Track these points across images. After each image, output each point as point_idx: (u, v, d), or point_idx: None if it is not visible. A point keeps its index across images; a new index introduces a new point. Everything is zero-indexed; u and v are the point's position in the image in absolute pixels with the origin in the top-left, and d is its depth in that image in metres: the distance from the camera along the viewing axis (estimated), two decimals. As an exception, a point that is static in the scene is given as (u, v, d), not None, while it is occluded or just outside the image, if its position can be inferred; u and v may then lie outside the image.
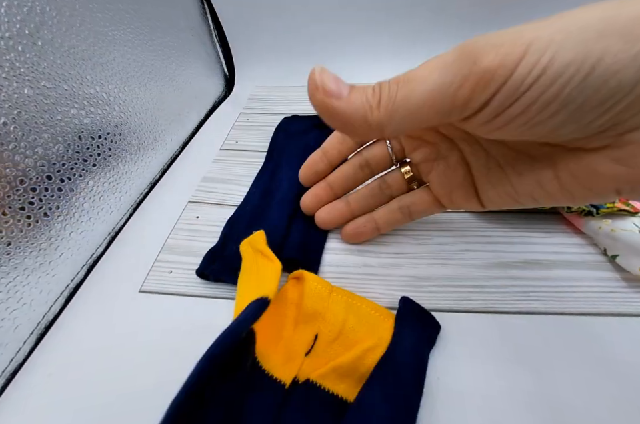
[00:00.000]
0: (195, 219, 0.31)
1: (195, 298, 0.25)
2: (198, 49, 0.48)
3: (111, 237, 0.30)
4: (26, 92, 0.22)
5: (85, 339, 0.23)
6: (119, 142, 0.30)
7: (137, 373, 0.21)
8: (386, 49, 0.51)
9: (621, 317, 0.22)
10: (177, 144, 0.41)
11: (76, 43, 0.26)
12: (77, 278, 0.26)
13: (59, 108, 0.24)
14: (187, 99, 0.43)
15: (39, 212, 0.23)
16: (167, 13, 0.40)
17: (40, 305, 0.23)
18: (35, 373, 0.21)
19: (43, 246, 0.23)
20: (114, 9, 0.31)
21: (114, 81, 0.30)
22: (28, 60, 0.22)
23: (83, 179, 0.26)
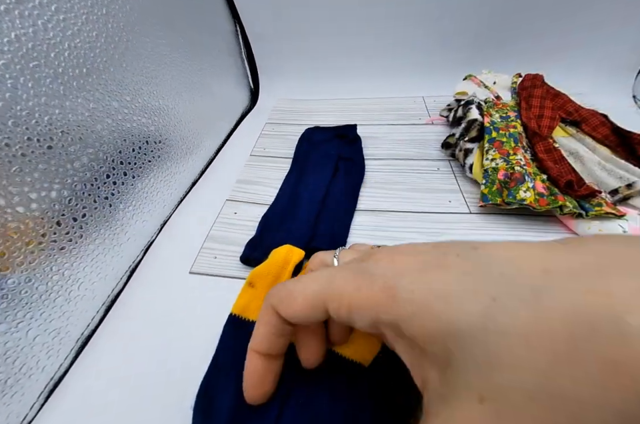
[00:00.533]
0: (233, 215, 0.36)
1: (236, 280, 0.29)
2: (231, 66, 0.54)
3: (161, 226, 0.34)
4: (114, 104, 0.27)
5: (144, 310, 0.27)
6: (172, 146, 0.35)
7: (188, 337, 0.25)
8: (405, 67, 0.56)
9: None
10: (213, 149, 0.46)
11: (147, 64, 0.32)
12: (137, 259, 0.31)
13: (135, 117, 0.29)
14: (220, 110, 0.49)
15: (117, 201, 0.27)
16: (210, 37, 0.46)
17: (111, 280, 0.28)
18: (102, 342, 0.26)
19: (118, 230, 0.28)
20: (174, 36, 0.36)
21: (172, 96, 0.36)
22: (116, 79, 0.28)
23: (147, 177, 0.31)
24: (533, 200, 0.29)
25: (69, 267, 0.24)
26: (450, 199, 0.36)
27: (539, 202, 0.29)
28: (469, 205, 0.35)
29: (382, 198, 0.37)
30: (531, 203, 0.29)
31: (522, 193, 0.29)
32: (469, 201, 0.35)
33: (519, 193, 0.29)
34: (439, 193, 0.37)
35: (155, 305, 0.28)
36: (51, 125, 0.22)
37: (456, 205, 0.35)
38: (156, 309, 0.27)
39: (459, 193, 0.37)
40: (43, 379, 0.23)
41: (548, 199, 0.29)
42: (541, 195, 0.29)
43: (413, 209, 0.35)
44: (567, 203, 0.28)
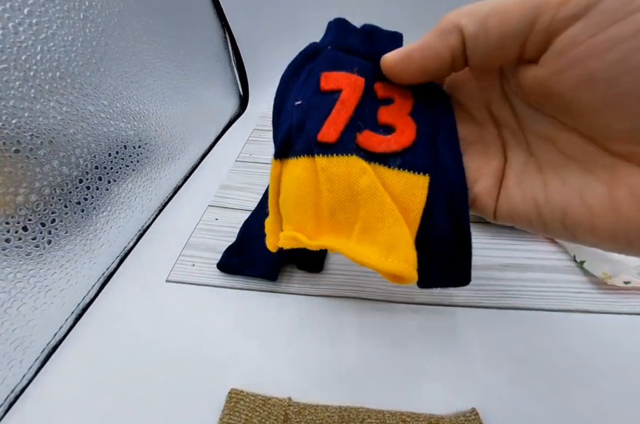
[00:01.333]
0: (214, 221, 0.35)
1: (215, 288, 0.29)
2: (219, 72, 0.54)
3: (140, 233, 0.34)
4: (90, 108, 0.27)
5: (117, 320, 0.26)
6: (153, 151, 0.35)
7: (163, 349, 0.24)
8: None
9: (587, 313, 0.26)
10: (198, 155, 0.46)
11: (127, 69, 0.32)
12: (112, 267, 0.30)
13: (112, 122, 0.29)
14: (208, 116, 0.49)
15: (90, 207, 0.27)
16: (197, 43, 0.46)
17: (82, 288, 0.27)
18: (70, 351, 0.25)
19: (90, 236, 0.27)
20: (157, 41, 0.36)
21: (153, 100, 0.35)
22: (93, 83, 0.27)
23: (124, 182, 0.31)
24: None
25: (35, 274, 0.23)
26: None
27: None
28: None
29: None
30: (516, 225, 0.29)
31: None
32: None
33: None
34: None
35: (128, 314, 0.27)
36: (19, 128, 0.21)
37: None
38: (129, 318, 0.26)
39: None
40: (3, 391, 0.22)
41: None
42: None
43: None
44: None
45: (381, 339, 0.25)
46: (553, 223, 0.12)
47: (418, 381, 0.22)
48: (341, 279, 0.29)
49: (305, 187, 0.13)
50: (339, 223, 0.13)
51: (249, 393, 0.21)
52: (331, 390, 0.22)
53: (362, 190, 0.12)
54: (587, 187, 0.11)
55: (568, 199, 0.11)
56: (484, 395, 0.21)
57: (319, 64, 0.15)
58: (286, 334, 0.25)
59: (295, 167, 0.14)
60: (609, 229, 0.10)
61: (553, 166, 0.12)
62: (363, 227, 0.13)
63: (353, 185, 0.13)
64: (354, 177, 0.13)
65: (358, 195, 0.13)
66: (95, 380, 0.23)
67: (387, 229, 0.12)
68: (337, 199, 0.13)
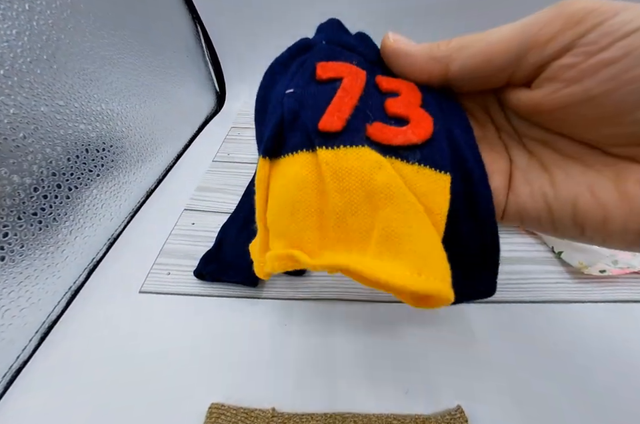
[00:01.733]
0: (190, 226, 0.33)
1: (193, 297, 0.27)
2: (192, 68, 0.51)
3: (110, 242, 0.32)
4: (42, 109, 0.24)
5: (87, 337, 0.25)
6: (120, 154, 0.33)
7: (138, 368, 0.23)
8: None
9: (566, 303, 0.26)
10: (172, 156, 0.43)
11: (85, 65, 0.29)
12: (79, 280, 0.28)
13: (70, 123, 0.27)
14: (181, 115, 0.46)
15: (49, 217, 0.25)
16: (165, 37, 0.43)
17: (46, 305, 0.25)
18: (39, 371, 0.23)
19: (51, 249, 0.25)
20: (118, 35, 0.34)
21: (117, 99, 0.33)
22: (45, 81, 0.25)
23: (88, 188, 0.29)
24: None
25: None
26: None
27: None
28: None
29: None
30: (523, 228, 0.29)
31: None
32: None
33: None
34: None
35: (99, 330, 0.25)
36: (-43, 134, 0.19)
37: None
38: (100, 334, 0.25)
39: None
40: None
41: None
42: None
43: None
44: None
45: (366, 341, 0.24)
46: (563, 218, 0.12)
47: (404, 382, 0.22)
48: (324, 281, 0.28)
49: (306, 188, 0.11)
50: (350, 232, 0.10)
51: (231, 406, 0.20)
52: (317, 397, 0.21)
53: (380, 188, 0.10)
54: (594, 181, 0.11)
55: (577, 193, 0.12)
56: (469, 391, 0.21)
57: (313, 55, 0.13)
58: (268, 341, 0.24)
59: (290, 165, 0.11)
60: (621, 221, 0.11)
61: (556, 163, 0.13)
62: (383, 236, 0.10)
63: (368, 182, 0.10)
64: (368, 172, 0.10)
65: (375, 194, 0.10)
66: (64, 400, 0.21)
67: (416, 236, 0.10)
68: (347, 201, 0.10)
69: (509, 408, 0.20)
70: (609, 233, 0.11)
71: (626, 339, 0.24)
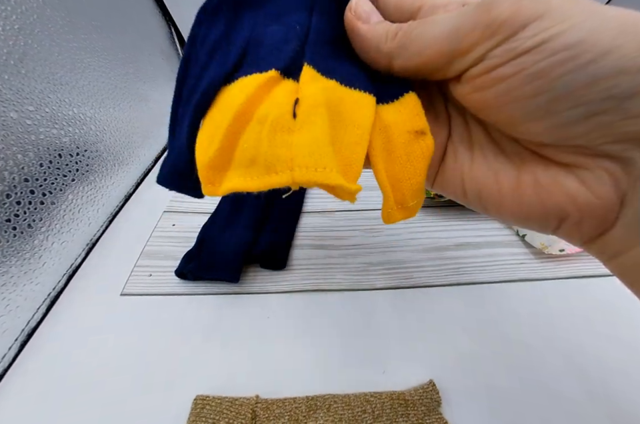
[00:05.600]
0: (171, 227, 0.34)
1: (175, 296, 0.28)
2: (167, 70, 0.51)
3: (89, 247, 0.32)
4: (12, 115, 0.24)
5: (68, 342, 0.25)
6: (95, 158, 0.33)
7: (121, 373, 0.23)
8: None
9: (530, 281, 0.28)
10: (150, 159, 0.43)
11: (55, 70, 0.29)
12: (59, 286, 0.28)
13: (41, 129, 0.27)
14: (159, 117, 0.46)
15: (23, 223, 0.25)
16: (139, 39, 0.43)
17: (24, 312, 0.25)
18: (19, 379, 0.23)
19: (27, 255, 0.25)
20: (89, 38, 0.34)
21: (90, 103, 0.33)
22: (13, 87, 0.25)
23: (63, 193, 0.28)
24: (461, 192, 0.31)
25: (-37, 302, 0.21)
26: (392, 196, 0.37)
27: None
28: (408, 200, 0.36)
29: (328, 198, 0.37)
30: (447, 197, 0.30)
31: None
32: (409, 197, 0.37)
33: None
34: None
35: (81, 334, 0.25)
36: None
37: (397, 201, 0.36)
38: (82, 338, 0.25)
39: (400, 189, 0.38)
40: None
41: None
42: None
43: (358, 207, 0.36)
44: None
45: (346, 327, 0.25)
46: (472, 196, 0.14)
47: (380, 362, 0.23)
48: (305, 273, 0.29)
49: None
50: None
51: (216, 396, 0.21)
52: (300, 382, 0.22)
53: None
54: (502, 168, 0.13)
55: (486, 177, 0.13)
56: (440, 367, 0.23)
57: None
58: (252, 334, 0.25)
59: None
60: (511, 208, 0.13)
61: (480, 145, 0.14)
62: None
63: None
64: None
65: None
66: (48, 406, 0.21)
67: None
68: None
69: (478, 380, 0.22)
70: (504, 215, 0.13)
71: (585, 310, 0.26)
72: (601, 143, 0.10)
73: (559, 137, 0.11)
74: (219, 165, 0.10)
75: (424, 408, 0.20)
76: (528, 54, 0.10)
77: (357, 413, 0.20)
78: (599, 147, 0.10)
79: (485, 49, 0.10)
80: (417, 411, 0.20)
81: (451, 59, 0.11)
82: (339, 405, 0.20)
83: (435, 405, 0.20)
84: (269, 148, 0.10)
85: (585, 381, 0.22)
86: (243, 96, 0.11)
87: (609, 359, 0.23)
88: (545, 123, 0.11)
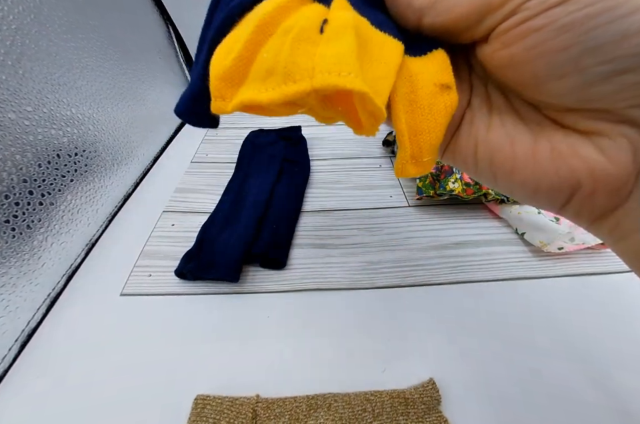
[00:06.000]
0: (170, 227, 0.34)
1: (175, 296, 0.28)
2: (165, 69, 0.51)
3: (88, 247, 0.31)
4: (10, 116, 0.24)
5: (69, 342, 0.25)
6: (94, 158, 0.33)
7: (121, 373, 0.23)
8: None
9: (529, 279, 0.28)
10: (149, 158, 0.43)
11: (52, 70, 0.29)
12: (58, 286, 0.28)
13: (40, 129, 0.27)
14: (157, 117, 0.46)
15: (22, 224, 0.25)
16: (136, 39, 0.43)
17: (24, 312, 0.25)
18: (19, 380, 0.23)
19: (27, 256, 0.25)
20: (86, 38, 0.34)
21: (88, 103, 0.33)
22: (11, 87, 0.25)
23: (62, 194, 0.28)
24: (460, 190, 0.31)
25: (-37, 303, 0.21)
26: (391, 194, 0.37)
27: (466, 191, 0.31)
28: (407, 199, 0.36)
29: (327, 198, 0.37)
30: (459, 192, 0.31)
31: (451, 184, 0.31)
32: (407, 195, 0.37)
33: (448, 185, 0.31)
34: (381, 189, 0.38)
35: (81, 334, 0.25)
36: None
37: (396, 200, 0.36)
38: (82, 338, 0.25)
39: (399, 188, 0.38)
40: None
41: (473, 188, 0.31)
42: (467, 185, 0.31)
43: (357, 206, 0.36)
44: (489, 191, 0.30)
45: (346, 326, 0.25)
46: (483, 161, 0.13)
47: (380, 361, 0.23)
48: (305, 272, 0.29)
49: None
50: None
51: (216, 396, 0.21)
52: (300, 382, 0.22)
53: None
54: (519, 134, 0.13)
55: (501, 143, 0.13)
56: (440, 365, 0.23)
57: None
58: (252, 333, 0.25)
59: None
60: (523, 175, 0.12)
61: (499, 112, 0.14)
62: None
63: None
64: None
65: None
66: (50, 406, 0.21)
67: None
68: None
69: (478, 378, 0.22)
70: (513, 182, 0.13)
71: (584, 308, 0.26)
72: (625, 106, 0.10)
73: (582, 97, 0.10)
74: (234, 76, 0.10)
75: (424, 406, 0.20)
76: (562, 5, 0.09)
77: (357, 412, 0.20)
78: (623, 110, 0.10)
79: (517, 2, 0.10)
80: (417, 409, 0.20)
81: (481, 17, 0.11)
82: (339, 404, 0.20)
83: (435, 403, 0.20)
84: (289, 56, 0.09)
85: (585, 379, 0.22)
86: (269, 6, 0.10)
87: (608, 356, 0.23)
88: (569, 81, 0.10)
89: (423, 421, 0.20)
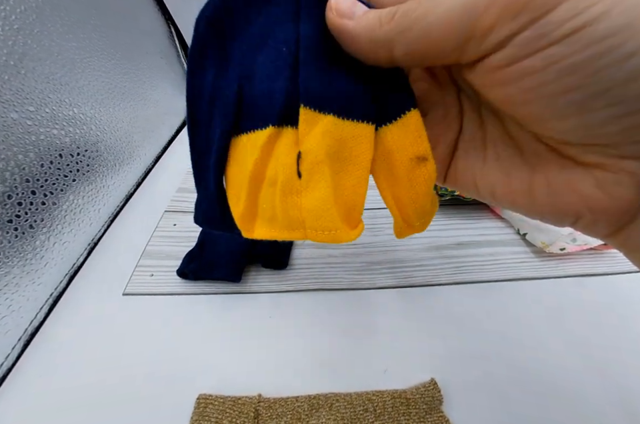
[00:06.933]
0: (172, 227, 0.34)
1: (177, 296, 0.28)
2: (167, 69, 0.51)
3: (90, 247, 0.32)
4: (12, 116, 0.24)
5: (71, 341, 0.25)
6: (96, 158, 0.33)
7: (123, 372, 0.23)
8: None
9: (531, 280, 0.28)
10: (151, 158, 0.43)
11: (54, 70, 0.29)
12: (61, 286, 0.28)
13: (42, 129, 0.27)
14: (159, 116, 0.46)
15: (25, 224, 0.25)
16: (138, 38, 0.43)
17: (27, 312, 0.25)
18: (23, 378, 0.23)
19: (29, 256, 0.25)
20: (88, 38, 0.34)
21: (90, 103, 0.33)
22: (13, 87, 0.25)
23: (64, 193, 0.29)
24: (462, 191, 0.30)
25: (-33, 303, 0.21)
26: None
27: (468, 192, 0.31)
28: (410, 199, 0.36)
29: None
30: (460, 193, 0.30)
31: (453, 184, 0.31)
32: (409, 195, 0.36)
33: (450, 185, 0.31)
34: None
35: (84, 333, 0.25)
36: None
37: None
38: (85, 338, 0.25)
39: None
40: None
41: (476, 189, 0.30)
42: (469, 185, 0.31)
43: (359, 206, 0.36)
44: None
45: (347, 326, 0.25)
46: (484, 191, 0.14)
47: (382, 361, 0.23)
48: (307, 272, 0.29)
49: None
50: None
51: (218, 395, 0.21)
52: (302, 381, 0.22)
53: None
54: (515, 169, 0.12)
55: (498, 176, 0.13)
56: (442, 365, 0.23)
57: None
58: (254, 333, 0.25)
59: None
60: (525, 207, 0.13)
61: (494, 143, 0.13)
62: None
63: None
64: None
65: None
66: (53, 405, 0.21)
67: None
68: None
69: (479, 379, 0.22)
70: (518, 211, 0.13)
71: (586, 308, 0.26)
72: (630, 142, 0.09)
73: (587, 136, 0.10)
74: (248, 217, 0.13)
75: (425, 406, 0.20)
76: (560, 44, 0.08)
77: (359, 412, 0.20)
78: (628, 146, 0.09)
79: (507, 32, 0.09)
80: (419, 409, 0.20)
81: (464, 40, 0.09)
82: (341, 404, 0.20)
83: (436, 403, 0.20)
84: (282, 211, 0.12)
85: (586, 378, 0.22)
86: (251, 160, 0.12)
87: (609, 356, 0.23)
88: (574, 121, 0.09)
89: (425, 421, 0.20)
